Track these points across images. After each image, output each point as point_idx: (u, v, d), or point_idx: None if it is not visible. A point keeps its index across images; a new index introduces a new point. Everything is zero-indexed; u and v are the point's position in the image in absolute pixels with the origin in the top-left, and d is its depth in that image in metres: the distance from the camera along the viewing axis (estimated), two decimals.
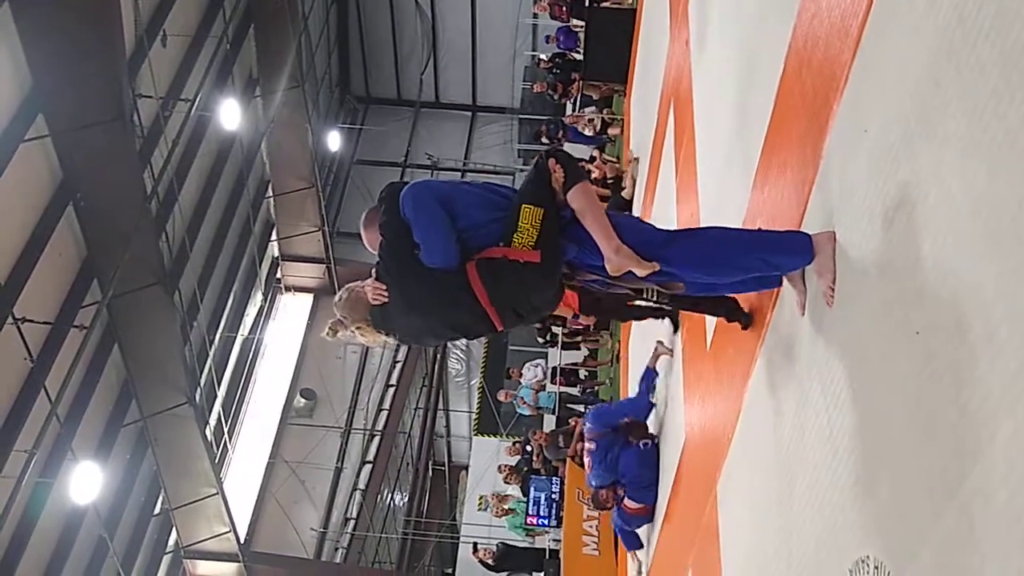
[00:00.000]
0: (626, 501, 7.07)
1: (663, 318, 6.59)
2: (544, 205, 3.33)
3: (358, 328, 3.53)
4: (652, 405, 7.16)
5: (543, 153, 3.50)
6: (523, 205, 3.33)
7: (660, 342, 7.06)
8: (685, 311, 5.84)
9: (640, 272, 3.31)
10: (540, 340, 15.86)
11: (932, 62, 2.44)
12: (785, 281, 3.60)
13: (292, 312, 19.22)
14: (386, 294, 3.40)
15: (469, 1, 21.54)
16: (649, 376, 7.09)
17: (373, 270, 3.51)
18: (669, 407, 6.87)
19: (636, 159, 11.30)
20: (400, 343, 3.72)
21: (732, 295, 4.32)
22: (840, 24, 3.21)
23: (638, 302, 4.14)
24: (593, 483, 7.32)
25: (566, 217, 3.39)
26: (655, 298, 3.90)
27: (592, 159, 12.96)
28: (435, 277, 3.34)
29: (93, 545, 11.78)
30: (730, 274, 3.49)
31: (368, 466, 18.53)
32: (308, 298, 19.39)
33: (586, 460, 7.19)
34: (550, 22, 17.40)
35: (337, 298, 3.58)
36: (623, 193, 11.41)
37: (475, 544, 14.09)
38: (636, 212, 10.65)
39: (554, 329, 14.61)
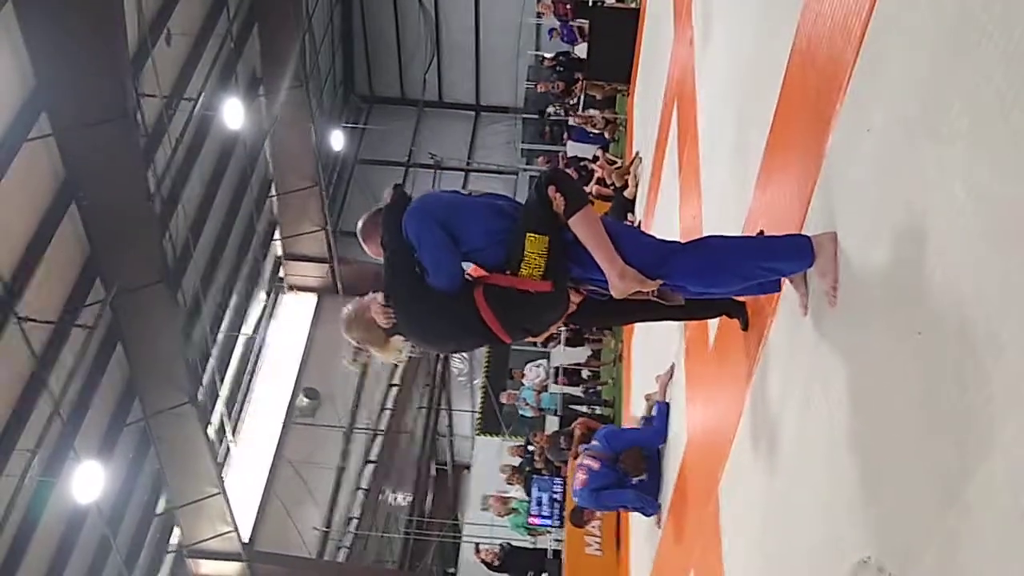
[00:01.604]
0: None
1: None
2: (548, 232, 3.33)
3: (378, 350, 3.57)
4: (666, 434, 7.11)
5: (541, 176, 3.46)
6: (528, 234, 3.32)
7: (659, 377, 7.13)
8: (688, 321, 5.83)
9: (644, 290, 3.33)
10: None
11: (935, 62, 2.43)
12: (787, 282, 3.59)
13: (295, 311, 19.21)
14: (393, 317, 3.44)
15: (472, 0, 21.53)
16: (660, 409, 7.06)
17: (381, 293, 3.52)
18: (671, 408, 6.86)
19: (639, 157, 11.28)
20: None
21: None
22: (843, 24, 3.20)
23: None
24: (576, 500, 7.28)
25: (568, 239, 3.39)
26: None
27: (595, 159, 12.97)
28: (441, 301, 3.36)
29: (96, 544, 11.78)
30: (731, 283, 3.49)
31: (371, 465, 18.54)
32: (311, 297, 19.37)
33: (579, 475, 7.09)
34: (554, 21, 17.42)
35: (347, 322, 3.57)
36: (626, 192, 11.40)
37: (477, 545, 14.10)
38: (639, 212, 10.65)
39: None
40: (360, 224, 3.62)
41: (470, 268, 3.46)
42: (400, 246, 3.41)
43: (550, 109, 17.90)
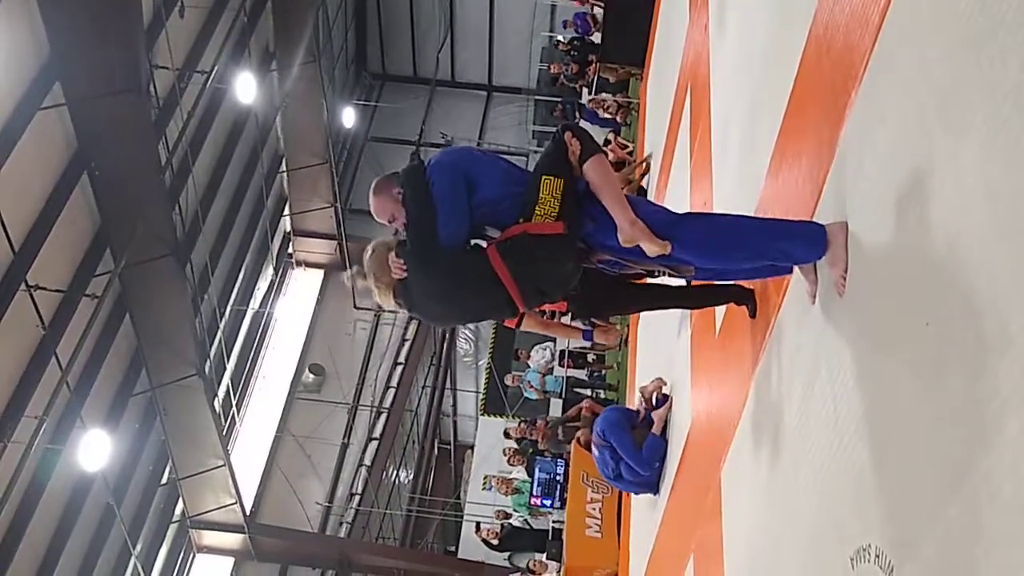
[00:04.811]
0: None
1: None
2: (563, 176, 3.36)
3: (378, 287, 3.58)
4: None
5: (560, 126, 3.53)
6: (543, 177, 3.35)
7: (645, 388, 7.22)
8: (696, 309, 5.83)
9: (651, 250, 3.31)
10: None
11: (952, 53, 2.42)
12: (797, 270, 3.59)
13: (302, 287, 19.26)
14: (405, 269, 3.44)
15: None
16: (653, 443, 6.88)
17: (396, 245, 3.55)
18: (676, 393, 6.87)
19: (648, 166, 11.23)
20: (415, 319, 3.81)
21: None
22: (860, 13, 3.19)
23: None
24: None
25: (580, 191, 3.41)
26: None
27: (607, 143, 12.94)
28: (456, 264, 3.38)
29: (100, 512, 11.88)
30: (741, 259, 3.48)
31: (374, 443, 18.61)
32: (319, 274, 19.42)
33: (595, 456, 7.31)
34: (568, 3, 17.32)
35: (370, 250, 3.61)
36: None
37: (478, 524, 14.15)
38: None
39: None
40: (376, 180, 3.64)
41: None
42: (425, 211, 3.43)
43: (562, 77, 17.76)
